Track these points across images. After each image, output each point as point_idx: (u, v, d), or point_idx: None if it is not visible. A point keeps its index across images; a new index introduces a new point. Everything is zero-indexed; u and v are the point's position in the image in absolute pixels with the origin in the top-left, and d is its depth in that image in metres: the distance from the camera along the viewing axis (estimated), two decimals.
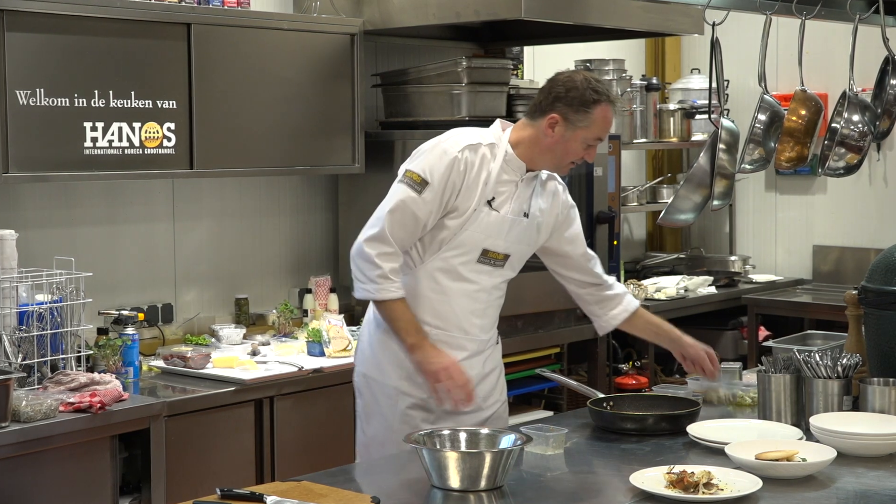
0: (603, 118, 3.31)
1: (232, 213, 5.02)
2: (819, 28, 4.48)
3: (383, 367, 3.41)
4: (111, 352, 4.12)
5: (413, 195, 3.27)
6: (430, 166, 3.30)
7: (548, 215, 3.50)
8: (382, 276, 3.27)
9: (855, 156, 4.06)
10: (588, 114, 3.30)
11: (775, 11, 4.01)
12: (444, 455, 2.72)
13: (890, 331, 3.38)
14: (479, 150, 3.33)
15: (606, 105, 3.31)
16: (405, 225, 3.29)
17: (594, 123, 3.31)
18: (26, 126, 3.97)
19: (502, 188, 3.35)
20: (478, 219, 3.32)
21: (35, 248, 4.28)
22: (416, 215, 3.28)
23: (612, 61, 6.11)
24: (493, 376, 3.53)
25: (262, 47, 4.64)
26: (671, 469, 2.72)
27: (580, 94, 3.29)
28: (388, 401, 3.40)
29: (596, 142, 3.35)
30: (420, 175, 3.29)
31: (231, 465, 4.10)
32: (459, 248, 3.34)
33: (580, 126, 3.30)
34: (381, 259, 3.27)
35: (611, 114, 3.33)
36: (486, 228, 3.34)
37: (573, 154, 3.35)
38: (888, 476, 2.84)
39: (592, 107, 3.29)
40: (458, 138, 3.36)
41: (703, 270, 6.68)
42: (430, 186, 3.27)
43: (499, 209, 3.35)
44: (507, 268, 3.44)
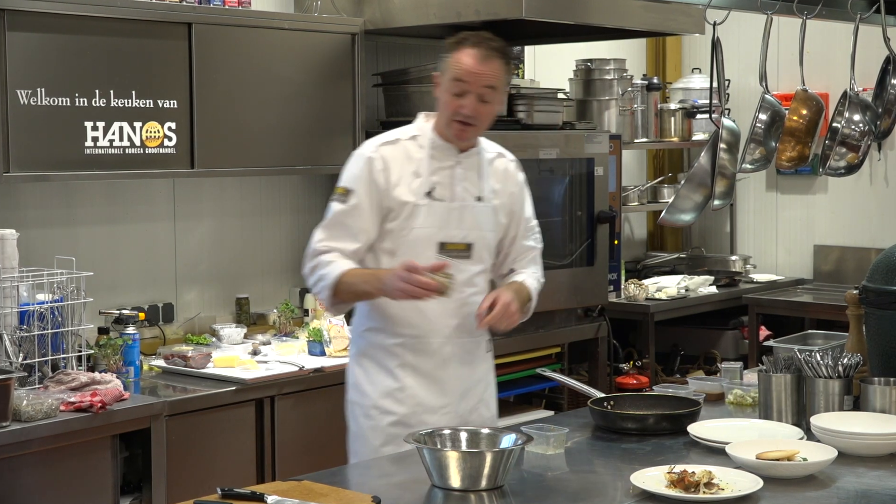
0: (457, 61, 3.22)
1: (233, 212, 5.02)
2: (820, 28, 4.48)
3: (362, 388, 3.35)
4: (112, 351, 4.12)
5: (340, 207, 3.28)
6: (349, 175, 3.31)
7: (503, 195, 3.41)
8: (323, 265, 3.25)
9: (856, 155, 4.06)
10: (447, 59, 3.25)
11: (776, 11, 4.01)
12: (444, 454, 2.71)
13: (891, 330, 3.38)
14: (398, 144, 3.30)
15: (468, 48, 3.22)
16: (334, 235, 3.28)
17: (450, 66, 3.23)
18: (27, 125, 3.97)
19: (439, 177, 3.29)
20: (423, 213, 3.25)
21: (36, 247, 4.28)
22: (346, 224, 3.26)
23: (613, 61, 6.11)
24: (480, 389, 3.42)
25: (263, 47, 4.64)
26: (672, 469, 2.71)
27: (446, 44, 3.27)
28: (369, 422, 3.32)
29: (457, 86, 3.22)
30: (343, 186, 3.30)
31: (232, 464, 4.10)
32: (414, 248, 3.26)
33: (443, 75, 3.26)
34: (313, 261, 3.29)
35: (470, 57, 3.21)
36: (435, 221, 3.27)
37: (448, 107, 3.25)
38: (889, 476, 2.84)
39: (451, 51, 3.25)
40: (375, 139, 3.34)
41: (703, 270, 6.69)
42: (353, 193, 3.26)
43: (443, 198, 3.28)
44: (474, 259, 3.33)
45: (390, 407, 3.30)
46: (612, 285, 5.53)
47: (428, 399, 3.31)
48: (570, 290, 5.29)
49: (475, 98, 3.22)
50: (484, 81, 3.22)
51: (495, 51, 3.23)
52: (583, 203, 5.34)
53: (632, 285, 6.05)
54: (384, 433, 3.29)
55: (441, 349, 3.31)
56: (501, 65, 3.25)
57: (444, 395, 3.33)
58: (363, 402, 3.34)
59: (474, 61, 3.21)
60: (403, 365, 3.31)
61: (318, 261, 3.29)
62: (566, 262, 5.28)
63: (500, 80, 3.25)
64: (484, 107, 3.24)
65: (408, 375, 3.30)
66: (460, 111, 3.23)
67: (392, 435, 3.27)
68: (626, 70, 6.16)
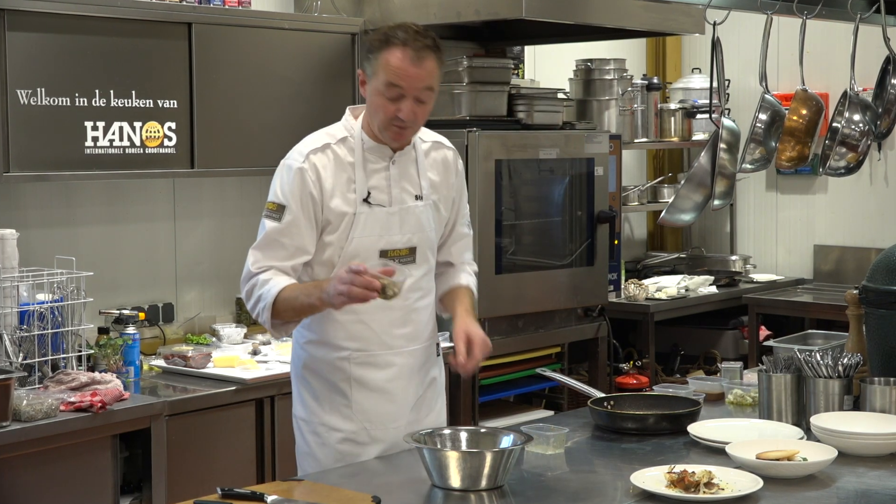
0: (387, 63, 2.97)
1: (233, 212, 5.02)
2: (820, 28, 4.48)
3: (307, 404, 3.16)
4: (112, 351, 4.12)
5: (274, 224, 3.03)
6: (280, 189, 3.05)
7: (442, 188, 3.21)
8: (260, 284, 3.01)
9: (856, 155, 4.06)
10: (376, 60, 3.00)
11: (776, 11, 4.01)
12: (444, 454, 2.71)
13: (891, 330, 3.38)
14: (328, 150, 3.07)
15: (395, 49, 2.97)
16: (267, 255, 3.03)
17: (380, 69, 2.99)
18: (27, 125, 3.97)
19: (375, 180, 3.08)
20: (361, 221, 3.05)
21: (36, 247, 4.28)
22: (281, 243, 3.02)
23: (612, 61, 6.11)
24: (430, 396, 3.25)
25: (263, 47, 4.64)
26: (672, 468, 2.71)
27: (370, 42, 3.03)
28: (317, 439, 3.13)
29: (392, 91, 2.99)
30: (274, 202, 3.04)
31: (232, 464, 4.10)
32: (355, 259, 3.02)
33: (373, 77, 3.02)
34: (249, 283, 3.04)
35: (400, 57, 2.97)
36: (374, 229, 3.07)
37: (382, 109, 3.01)
38: (889, 476, 2.84)
39: (378, 52, 3.00)
40: (302, 147, 3.09)
41: (703, 270, 6.69)
42: (287, 209, 3.02)
43: (382, 203, 3.07)
44: (418, 262, 3.14)
45: (338, 424, 3.11)
46: (612, 285, 5.53)
47: (378, 414, 3.12)
48: (570, 290, 5.29)
49: (412, 101, 3.00)
50: (420, 84, 2.99)
51: (427, 48, 3.00)
52: (583, 203, 5.34)
53: (632, 285, 6.05)
54: (333, 450, 3.11)
55: (391, 360, 3.13)
56: (435, 61, 3.02)
57: (395, 408, 3.14)
58: (310, 419, 3.15)
59: (408, 64, 2.97)
60: (349, 379, 3.11)
61: (254, 281, 3.04)
62: (566, 262, 5.28)
63: (435, 78, 3.04)
64: (421, 107, 3.03)
65: (356, 391, 3.11)
66: (397, 115, 3.01)
67: (342, 452, 3.10)
68: (626, 70, 6.16)
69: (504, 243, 4.98)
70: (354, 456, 3.10)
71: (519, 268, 5.09)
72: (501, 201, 4.93)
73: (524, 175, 5.13)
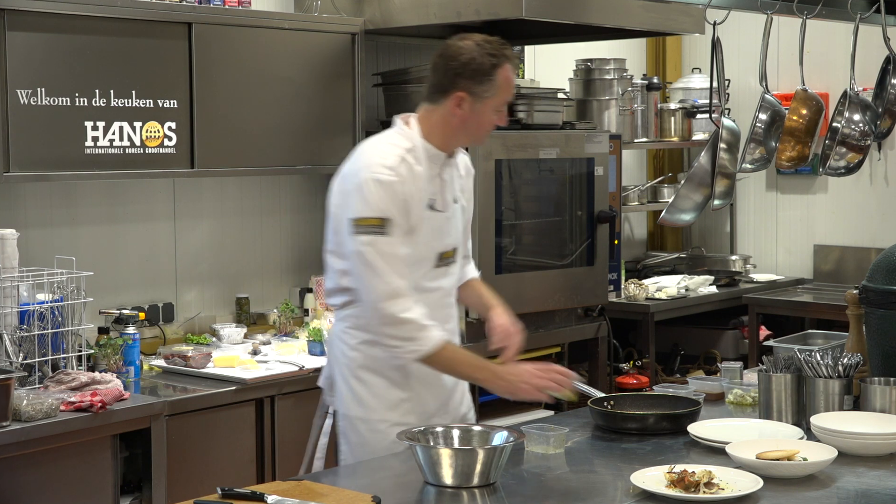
0: (506, 80, 3.15)
1: (233, 212, 5.03)
2: (820, 27, 4.49)
3: (367, 404, 3.23)
4: (112, 351, 4.12)
5: (383, 239, 3.07)
6: (377, 203, 3.07)
7: (467, 190, 3.38)
8: (418, 328, 3.09)
9: (856, 155, 4.06)
10: (492, 81, 3.13)
11: (776, 11, 4.02)
12: (437, 452, 2.74)
13: (891, 330, 3.38)
14: (405, 161, 3.14)
15: (507, 65, 3.15)
16: (400, 272, 3.08)
17: (500, 89, 3.15)
18: (27, 125, 3.97)
19: (434, 186, 3.19)
20: (426, 227, 3.16)
21: (36, 247, 4.28)
22: (398, 255, 3.08)
23: (613, 61, 6.11)
24: (462, 386, 3.41)
25: (262, 47, 4.64)
26: (672, 468, 2.72)
27: (479, 65, 3.12)
28: (376, 436, 3.21)
29: (504, 105, 3.20)
30: (377, 217, 3.07)
31: (232, 464, 4.11)
32: (419, 262, 3.18)
33: (487, 97, 3.14)
34: (407, 313, 3.08)
35: (512, 73, 3.17)
36: (435, 233, 3.20)
37: (487, 125, 3.20)
38: (889, 475, 2.84)
39: (494, 73, 3.13)
40: (381, 159, 3.12)
41: (703, 270, 6.69)
42: (391, 222, 3.07)
43: (440, 209, 3.21)
44: (456, 261, 3.32)
45: (399, 419, 3.20)
46: (612, 285, 5.53)
47: (433, 405, 3.29)
48: (570, 290, 5.29)
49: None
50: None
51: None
52: (583, 203, 5.34)
53: (632, 285, 6.05)
54: (397, 444, 3.12)
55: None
56: None
57: (449, 400, 3.33)
58: (369, 416, 3.23)
59: (514, 78, 3.21)
60: (408, 374, 3.22)
61: (409, 319, 3.07)
62: (566, 262, 5.28)
63: None
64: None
65: (416, 384, 3.24)
66: (499, 122, 3.22)
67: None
68: (626, 70, 6.16)
69: (504, 243, 4.98)
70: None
71: (519, 268, 5.09)
72: (501, 201, 4.93)
73: (524, 175, 5.13)
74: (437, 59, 3.19)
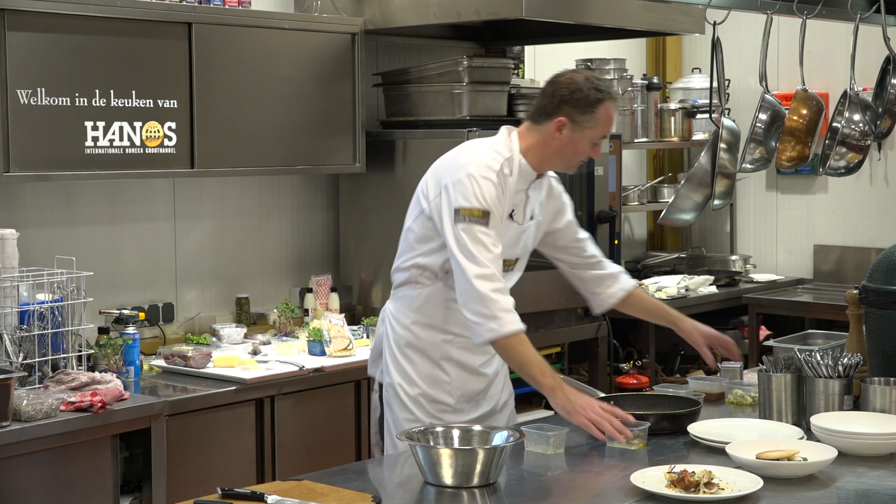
0: (607, 116, 3.35)
1: (233, 212, 5.03)
2: (820, 27, 4.48)
3: (410, 377, 3.42)
4: (112, 351, 4.12)
5: (483, 229, 3.25)
6: (481, 196, 3.27)
7: (546, 211, 3.56)
8: (503, 310, 3.22)
9: (856, 155, 4.06)
10: (594, 113, 3.32)
11: (776, 11, 4.02)
12: (437, 451, 2.74)
13: (891, 330, 3.38)
14: (503, 168, 3.34)
15: (609, 103, 3.35)
16: (493, 258, 3.25)
17: (600, 122, 3.34)
18: (27, 125, 3.97)
19: (517, 199, 3.40)
20: (504, 233, 3.35)
21: (36, 247, 4.28)
22: (492, 244, 3.25)
23: (612, 60, 6.11)
24: (504, 373, 3.60)
25: (263, 47, 4.64)
26: (672, 468, 2.72)
27: (584, 95, 3.32)
28: (415, 404, 3.42)
29: (602, 139, 3.39)
30: (479, 209, 3.26)
31: (232, 464, 4.10)
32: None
33: (587, 126, 3.33)
34: (496, 294, 3.22)
35: (613, 111, 3.38)
36: (509, 240, 3.40)
37: (582, 154, 3.40)
38: (889, 475, 2.84)
39: (597, 106, 3.32)
40: (487, 158, 3.33)
41: (703, 270, 6.69)
42: (491, 215, 3.28)
43: (518, 220, 3.42)
44: (514, 271, 3.52)
45: (440, 397, 3.42)
46: None
47: (472, 392, 3.47)
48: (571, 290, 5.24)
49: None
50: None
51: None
52: (583, 203, 5.34)
53: None
54: (436, 418, 3.39)
55: (487, 347, 3.37)
56: None
57: (486, 387, 3.50)
58: (411, 391, 3.42)
59: (614, 116, 3.39)
60: (450, 359, 3.43)
61: (498, 299, 3.22)
62: None
63: None
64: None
65: (455, 369, 3.43)
66: (591, 155, 3.41)
67: (441, 419, 3.38)
68: (626, 70, 6.16)
69: None
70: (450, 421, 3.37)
71: None
72: None
73: None
74: (546, 85, 3.40)
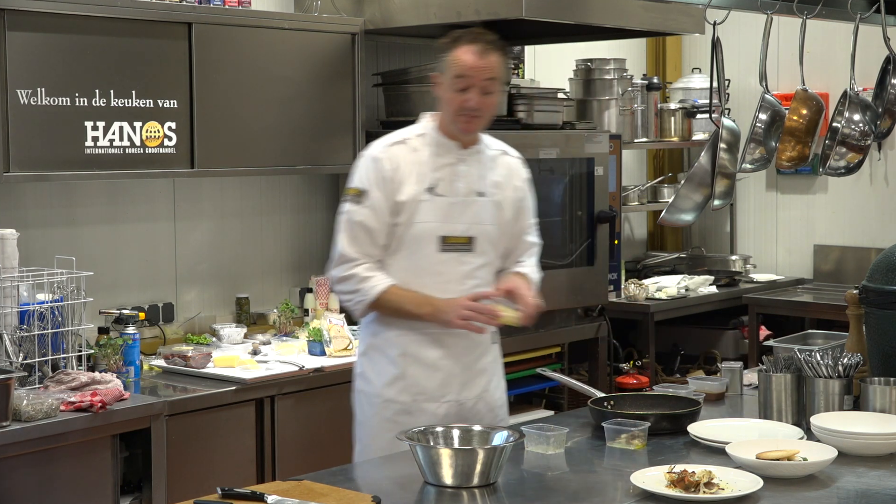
0: (456, 59, 3.33)
1: (233, 212, 5.03)
2: (820, 27, 4.48)
3: (369, 377, 3.44)
4: (112, 351, 4.12)
5: (355, 208, 3.35)
6: (361, 176, 3.38)
7: (506, 189, 3.50)
8: (360, 279, 3.33)
9: (856, 155, 4.06)
10: (446, 59, 3.35)
11: (776, 11, 4.02)
12: (437, 451, 2.74)
13: (891, 330, 3.38)
14: (405, 143, 3.39)
15: (462, 45, 3.33)
16: (357, 238, 3.34)
17: (450, 65, 3.33)
18: (27, 125, 3.97)
19: (442, 173, 3.38)
20: (424, 208, 3.34)
21: (36, 247, 4.28)
22: (365, 225, 3.34)
23: (613, 60, 6.11)
24: (484, 378, 3.48)
25: (262, 47, 4.64)
26: (672, 468, 2.72)
27: (442, 44, 3.37)
28: (372, 409, 3.41)
29: (460, 82, 3.32)
30: (356, 188, 3.38)
31: (232, 464, 4.10)
32: (418, 243, 3.36)
33: (445, 73, 3.35)
34: (349, 269, 3.34)
35: (468, 53, 3.32)
36: (436, 215, 3.35)
37: (452, 103, 3.35)
38: (889, 475, 2.84)
39: (448, 50, 3.35)
40: (383, 140, 3.43)
41: (703, 270, 6.69)
42: (367, 193, 3.34)
43: (445, 194, 3.37)
44: (477, 252, 3.41)
45: (394, 396, 3.38)
46: (612, 285, 5.53)
47: (428, 388, 3.38)
48: (570, 290, 5.29)
49: (478, 91, 3.32)
50: (485, 74, 3.32)
51: (491, 44, 3.34)
52: (583, 203, 5.34)
53: (632, 285, 6.05)
54: (389, 421, 3.36)
55: (443, 340, 3.38)
56: (499, 57, 3.36)
57: (444, 385, 3.40)
58: (368, 390, 3.43)
59: (474, 56, 3.31)
60: (405, 354, 3.38)
61: (351, 273, 3.35)
62: (566, 262, 5.28)
63: (499, 71, 3.36)
64: (487, 98, 3.35)
65: (409, 364, 3.38)
66: (466, 105, 3.33)
67: (396, 423, 3.33)
68: (626, 70, 6.16)
69: None
70: (407, 426, 3.24)
71: None
72: None
73: None
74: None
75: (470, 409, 3.42)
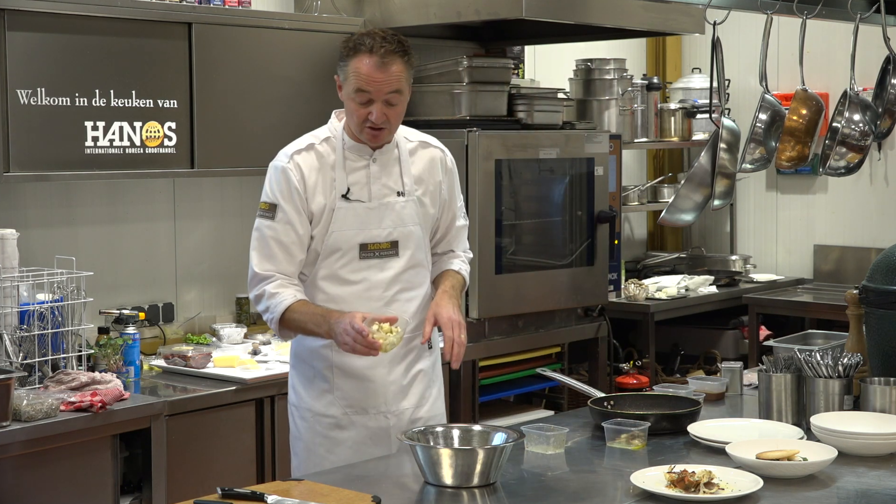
0: (355, 70, 3.12)
1: (233, 212, 5.02)
2: (820, 27, 4.48)
3: (298, 391, 3.33)
4: (112, 351, 4.12)
5: (267, 223, 3.20)
6: (270, 189, 3.22)
7: (429, 184, 3.33)
8: (269, 296, 3.18)
9: (856, 155, 4.06)
10: (346, 68, 3.15)
11: (776, 11, 4.01)
12: (437, 451, 2.74)
13: (891, 330, 3.38)
14: (312, 150, 3.22)
15: (361, 55, 3.12)
16: (271, 254, 3.20)
17: (349, 75, 3.14)
18: (27, 125, 3.97)
19: (355, 177, 3.22)
20: (339, 216, 3.19)
21: (36, 247, 4.28)
22: (279, 241, 3.19)
23: (613, 60, 6.12)
24: (420, 387, 3.34)
25: (263, 47, 4.64)
26: (672, 468, 2.72)
27: (341, 50, 3.17)
28: (305, 424, 3.30)
29: (361, 96, 3.13)
30: (266, 202, 3.22)
31: (232, 464, 4.10)
32: (336, 252, 3.21)
33: (345, 83, 3.17)
34: (261, 287, 3.20)
35: (367, 63, 3.10)
36: (353, 223, 3.21)
37: (355, 115, 3.17)
38: (889, 475, 2.84)
39: (347, 59, 3.14)
40: (287, 149, 3.26)
41: (703, 270, 6.69)
42: (279, 207, 3.19)
43: (361, 199, 3.21)
44: (401, 256, 3.27)
45: (323, 409, 3.27)
46: (612, 285, 5.53)
47: (359, 400, 3.26)
48: (570, 290, 5.29)
49: (381, 105, 3.14)
50: (388, 88, 3.13)
51: (392, 53, 3.12)
52: (583, 203, 5.34)
53: (632, 285, 6.05)
54: (321, 435, 3.27)
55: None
56: (402, 64, 3.15)
57: (376, 396, 3.26)
58: (299, 404, 3.32)
59: (375, 70, 3.11)
60: (332, 367, 3.26)
61: (262, 290, 3.22)
62: (566, 262, 5.28)
63: (403, 80, 3.16)
64: (392, 109, 3.16)
65: (338, 377, 3.26)
66: (369, 118, 3.15)
67: (329, 438, 3.26)
68: (626, 70, 6.16)
69: (504, 243, 4.98)
70: (340, 441, 3.25)
71: (519, 268, 5.09)
72: (501, 201, 4.93)
73: (524, 175, 5.13)
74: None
75: (410, 420, 3.28)
